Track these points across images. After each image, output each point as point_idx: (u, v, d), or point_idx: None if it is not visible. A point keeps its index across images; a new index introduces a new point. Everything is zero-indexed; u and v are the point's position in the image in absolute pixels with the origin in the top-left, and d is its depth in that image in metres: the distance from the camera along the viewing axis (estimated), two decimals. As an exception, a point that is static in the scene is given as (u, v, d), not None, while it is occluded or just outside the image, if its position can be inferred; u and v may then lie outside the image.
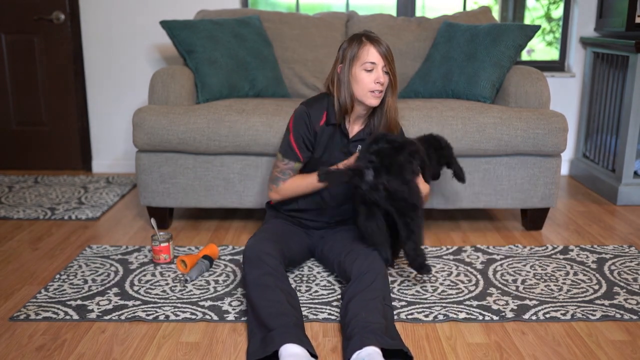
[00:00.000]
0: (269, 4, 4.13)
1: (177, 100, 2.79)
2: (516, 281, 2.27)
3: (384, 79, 2.10)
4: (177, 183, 2.74)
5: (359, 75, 2.11)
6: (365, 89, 2.11)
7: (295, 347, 1.66)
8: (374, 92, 2.11)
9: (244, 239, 2.73)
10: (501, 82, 2.87)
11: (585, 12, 3.70)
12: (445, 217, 3.04)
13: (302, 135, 2.18)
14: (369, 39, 2.11)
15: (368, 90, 2.11)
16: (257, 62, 3.03)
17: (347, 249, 2.11)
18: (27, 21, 3.76)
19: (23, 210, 3.10)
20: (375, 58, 2.09)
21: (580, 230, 2.84)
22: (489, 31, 2.91)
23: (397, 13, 3.82)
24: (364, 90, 2.11)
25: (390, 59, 2.12)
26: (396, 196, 1.93)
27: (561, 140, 2.63)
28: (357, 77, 2.11)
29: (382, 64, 2.10)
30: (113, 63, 3.81)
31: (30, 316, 2.01)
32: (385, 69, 2.11)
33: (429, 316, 2.01)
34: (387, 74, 2.13)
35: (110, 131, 3.92)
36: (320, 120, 2.19)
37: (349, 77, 2.13)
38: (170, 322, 1.99)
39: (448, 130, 2.60)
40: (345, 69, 2.13)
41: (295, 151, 2.20)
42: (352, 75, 2.12)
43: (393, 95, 2.18)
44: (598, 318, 2.00)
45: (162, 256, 2.44)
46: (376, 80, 2.09)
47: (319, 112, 2.19)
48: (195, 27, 2.95)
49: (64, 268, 2.40)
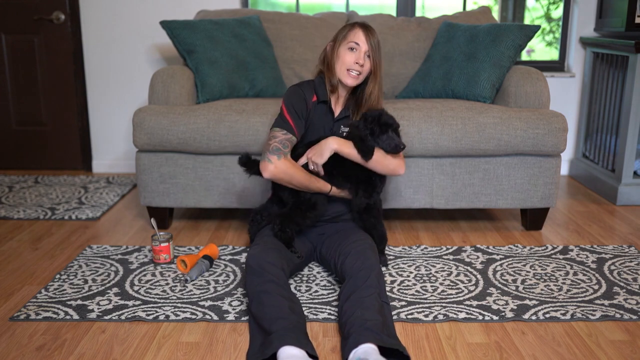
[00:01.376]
0: (269, 4, 4.13)
1: (177, 100, 2.79)
2: (516, 281, 2.27)
3: (363, 61, 2.19)
4: (177, 183, 2.74)
5: (342, 53, 2.21)
6: (344, 66, 2.20)
7: (293, 349, 1.66)
8: (350, 71, 2.20)
9: (244, 239, 2.74)
10: (501, 82, 2.87)
11: (585, 12, 3.70)
12: (445, 217, 3.04)
13: (295, 108, 2.20)
14: (361, 25, 2.22)
15: (346, 68, 2.20)
16: (257, 62, 3.03)
17: (343, 250, 2.12)
18: (27, 21, 3.76)
19: (23, 210, 3.10)
20: (361, 41, 2.19)
21: (580, 230, 2.85)
22: (489, 31, 2.91)
23: (397, 13, 3.82)
24: (342, 68, 2.21)
25: (375, 48, 2.20)
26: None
27: (561, 140, 2.63)
28: (340, 54, 2.21)
29: (366, 49, 2.19)
30: (113, 63, 3.81)
31: (30, 316, 2.01)
32: (368, 53, 2.20)
33: (429, 316, 2.01)
34: (369, 58, 2.20)
35: (110, 131, 3.92)
36: (312, 97, 2.27)
37: (333, 54, 2.23)
38: (170, 322, 1.99)
39: (448, 130, 2.61)
40: (334, 47, 2.24)
41: (289, 123, 2.17)
42: (336, 53, 2.22)
43: (375, 83, 2.26)
44: (598, 318, 2.00)
45: (162, 256, 2.44)
46: (356, 60, 2.19)
47: (310, 92, 2.27)
48: (195, 27, 2.95)
49: (64, 268, 2.40)
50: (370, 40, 2.20)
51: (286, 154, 2.13)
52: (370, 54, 2.20)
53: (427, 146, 2.62)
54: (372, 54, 2.20)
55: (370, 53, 2.20)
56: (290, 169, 2.12)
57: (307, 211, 2.20)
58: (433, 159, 2.69)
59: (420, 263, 2.44)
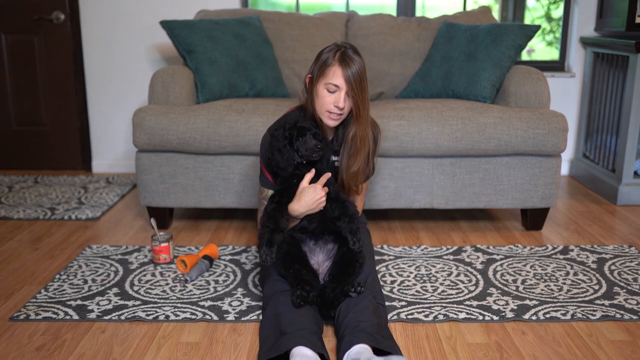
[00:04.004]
0: (269, 4, 4.13)
1: (177, 100, 2.79)
2: (516, 281, 2.27)
3: (343, 104, 1.99)
4: (177, 183, 2.74)
5: (320, 92, 2.01)
6: (324, 107, 2.02)
7: (307, 350, 1.66)
8: (331, 114, 2.02)
9: (244, 239, 2.73)
10: (501, 82, 2.87)
11: (585, 12, 3.70)
12: (445, 217, 3.04)
13: (269, 162, 2.10)
14: (339, 59, 1.98)
15: (325, 110, 2.02)
16: (257, 62, 3.03)
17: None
18: (27, 21, 3.76)
19: (23, 210, 3.10)
20: (339, 82, 1.97)
21: (580, 230, 2.84)
22: (489, 31, 2.91)
23: (397, 13, 3.82)
24: (322, 109, 2.03)
25: (355, 85, 1.97)
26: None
27: (561, 140, 2.63)
28: (319, 94, 2.02)
29: (346, 89, 1.98)
30: (113, 63, 3.81)
31: (30, 316, 2.01)
32: (348, 93, 1.99)
33: (429, 316, 2.01)
34: (350, 97, 2.00)
35: (110, 131, 3.92)
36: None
37: (312, 90, 2.05)
38: (170, 322, 1.99)
39: (448, 130, 2.60)
40: (313, 83, 2.04)
41: (267, 179, 2.15)
42: (315, 90, 2.03)
43: (359, 125, 2.05)
44: (598, 318, 2.00)
45: (162, 256, 2.44)
46: (335, 103, 1.99)
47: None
48: (195, 27, 2.95)
49: (64, 268, 2.40)
50: (349, 77, 1.96)
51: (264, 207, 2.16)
52: (350, 94, 1.98)
53: (427, 146, 2.62)
54: (353, 93, 1.97)
55: (350, 92, 1.97)
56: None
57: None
58: (433, 159, 2.69)
59: (420, 263, 2.44)
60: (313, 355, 1.65)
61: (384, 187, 2.71)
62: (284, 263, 1.96)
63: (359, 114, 2.03)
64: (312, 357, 1.65)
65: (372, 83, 3.17)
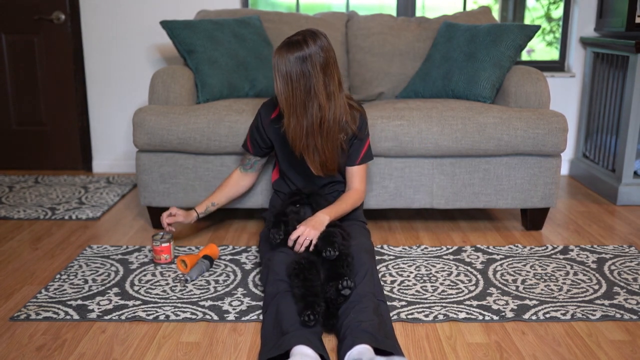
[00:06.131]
0: (269, 4, 4.13)
1: (177, 100, 2.79)
2: (516, 281, 2.27)
3: (276, 89, 2.09)
4: (177, 183, 2.74)
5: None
6: None
7: (308, 349, 1.66)
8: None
9: (244, 239, 2.74)
10: (501, 82, 2.87)
11: (585, 12, 3.70)
12: (445, 217, 3.04)
13: (253, 131, 2.39)
14: (279, 47, 2.06)
15: None
16: (257, 62, 3.03)
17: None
18: (27, 21, 3.76)
19: (23, 210, 3.10)
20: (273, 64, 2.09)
21: (580, 230, 2.85)
22: (489, 31, 2.91)
23: (397, 13, 3.82)
24: None
25: (278, 75, 2.05)
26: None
27: (561, 140, 2.63)
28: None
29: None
30: (113, 63, 3.81)
31: (30, 316, 2.01)
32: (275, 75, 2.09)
33: (429, 316, 2.01)
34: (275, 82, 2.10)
35: (111, 131, 3.92)
36: (272, 113, 2.31)
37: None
38: (171, 322, 1.99)
39: (448, 130, 2.61)
40: None
41: (247, 143, 2.44)
42: None
43: (292, 116, 2.10)
44: (598, 318, 2.00)
45: (163, 256, 2.44)
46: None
47: (271, 107, 2.32)
48: (195, 27, 2.95)
49: (64, 268, 2.40)
50: (276, 67, 2.05)
51: (238, 167, 2.52)
52: (274, 80, 2.08)
53: (427, 146, 2.62)
54: (275, 80, 2.07)
55: (274, 78, 2.08)
56: (224, 180, 2.53)
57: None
58: (433, 159, 2.69)
59: (420, 263, 2.44)
60: (313, 355, 1.65)
61: (383, 187, 2.71)
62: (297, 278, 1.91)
63: (282, 104, 2.11)
64: (313, 356, 1.65)
65: (372, 83, 3.17)
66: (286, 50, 2.04)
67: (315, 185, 2.35)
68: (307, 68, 2.04)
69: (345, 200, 2.26)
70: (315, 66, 2.04)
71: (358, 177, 2.32)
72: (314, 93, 2.06)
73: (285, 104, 2.09)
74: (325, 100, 2.09)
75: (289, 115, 2.10)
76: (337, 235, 2.02)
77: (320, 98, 2.07)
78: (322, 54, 2.06)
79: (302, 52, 2.03)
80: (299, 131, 2.12)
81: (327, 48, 2.08)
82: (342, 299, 1.85)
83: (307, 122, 2.10)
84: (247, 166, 2.48)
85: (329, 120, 2.12)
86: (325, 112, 2.10)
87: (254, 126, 2.37)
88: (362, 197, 2.34)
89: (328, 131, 2.14)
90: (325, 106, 2.09)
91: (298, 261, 1.92)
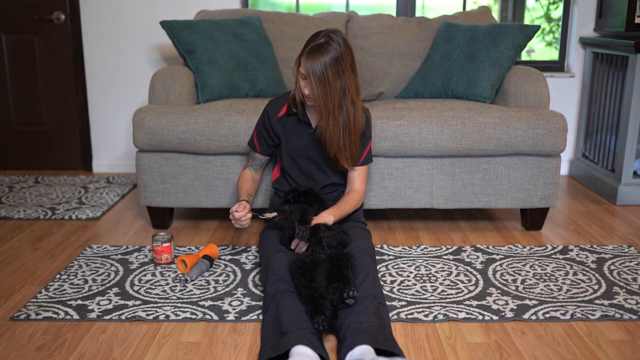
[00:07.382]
0: (269, 4, 4.14)
1: (177, 100, 2.79)
2: (516, 281, 2.27)
3: (309, 91, 2.13)
4: (177, 183, 2.74)
5: (296, 77, 2.19)
6: (299, 90, 2.21)
7: (307, 349, 1.66)
8: (303, 96, 2.20)
9: (244, 239, 2.74)
10: (501, 82, 2.88)
11: (584, 12, 3.70)
12: (445, 217, 3.04)
13: (260, 129, 2.39)
14: (308, 51, 2.09)
15: (300, 93, 2.20)
16: (257, 62, 3.03)
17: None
18: (27, 21, 3.76)
19: (23, 210, 3.10)
20: (304, 71, 2.11)
21: (579, 230, 2.85)
22: (488, 31, 2.92)
23: (397, 13, 3.82)
24: (298, 91, 2.21)
25: (314, 78, 2.07)
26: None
27: (561, 140, 2.63)
28: (296, 78, 2.20)
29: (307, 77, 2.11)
30: (113, 63, 3.81)
31: (30, 316, 2.01)
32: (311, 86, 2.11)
33: (429, 316, 2.01)
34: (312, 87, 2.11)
35: (111, 131, 3.92)
36: (279, 112, 2.34)
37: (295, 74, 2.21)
38: (171, 322, 1.99)
39: (448, 130, 2.61)
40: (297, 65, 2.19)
41: (254, 142, 2.43)
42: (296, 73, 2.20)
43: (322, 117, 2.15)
44: (598, 318, 2.00)
45: (163, 256, 2.44)
46: (302, 88, 2.16)
47: (278, 106, 2.35)
48: (195, 27, 2.96)
49: (64, 268, 2.40)
50: (310, 71, 2.07)
51: (247, 167, 2.49)
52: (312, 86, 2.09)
53: (427, 146, 2.62)
54: (314, 86, 2.08)
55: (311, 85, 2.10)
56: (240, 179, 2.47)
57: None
58: (433, 159, 2.69)
59: (420, 263, 2.44)
60: (313, 355, 1.65)
61: (383, 187, 2.71)
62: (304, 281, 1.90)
63: (320, 107, 2.14)
64: (312, 356, 1.65)
65: (372, 83, 3.17)
66: (319, 53, 2.07)
67: (316, 184, 2.36)
68: (340, 68, 2.10)
69: (347, 201, 2.30)
70: (346, 65, 2.11)
71: (359, 179, 2.37)
72: (347, 91, 2.13)
73: (324, 107, 2.13)
74: (356, 96, 2.18)
75: (327, 116, 2.15)
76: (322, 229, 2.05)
77: (352, 95, 2.16)
78: (349, 52, 2.14)
79: (335, 54, 2.08)
80: (337, 132, 2.18)
81: (349, 45, 2.15)
82: (345, 306, 1.85)
83: (342, 121, 2.17)
84: (256, 166, 2.48)
85: (359, 117, 2.22)
86: (356, 108, 2.19)
87: (261, 124, 2.39)
88: (362, 199, 2.39)
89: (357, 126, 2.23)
90: (357, 102, 2.19)
91: (302, 259, 1.92)
